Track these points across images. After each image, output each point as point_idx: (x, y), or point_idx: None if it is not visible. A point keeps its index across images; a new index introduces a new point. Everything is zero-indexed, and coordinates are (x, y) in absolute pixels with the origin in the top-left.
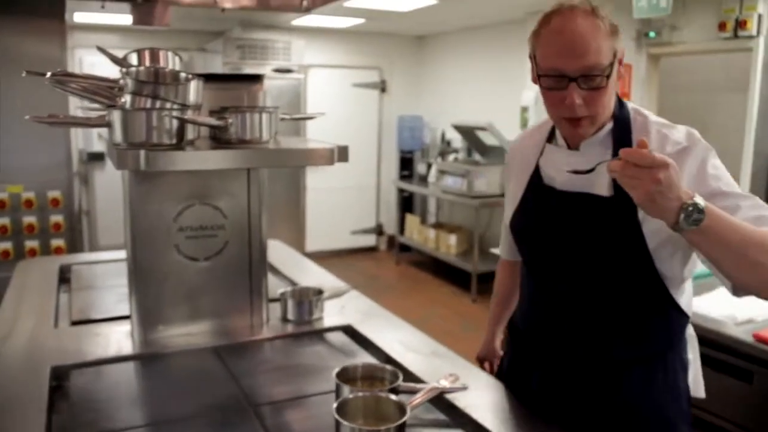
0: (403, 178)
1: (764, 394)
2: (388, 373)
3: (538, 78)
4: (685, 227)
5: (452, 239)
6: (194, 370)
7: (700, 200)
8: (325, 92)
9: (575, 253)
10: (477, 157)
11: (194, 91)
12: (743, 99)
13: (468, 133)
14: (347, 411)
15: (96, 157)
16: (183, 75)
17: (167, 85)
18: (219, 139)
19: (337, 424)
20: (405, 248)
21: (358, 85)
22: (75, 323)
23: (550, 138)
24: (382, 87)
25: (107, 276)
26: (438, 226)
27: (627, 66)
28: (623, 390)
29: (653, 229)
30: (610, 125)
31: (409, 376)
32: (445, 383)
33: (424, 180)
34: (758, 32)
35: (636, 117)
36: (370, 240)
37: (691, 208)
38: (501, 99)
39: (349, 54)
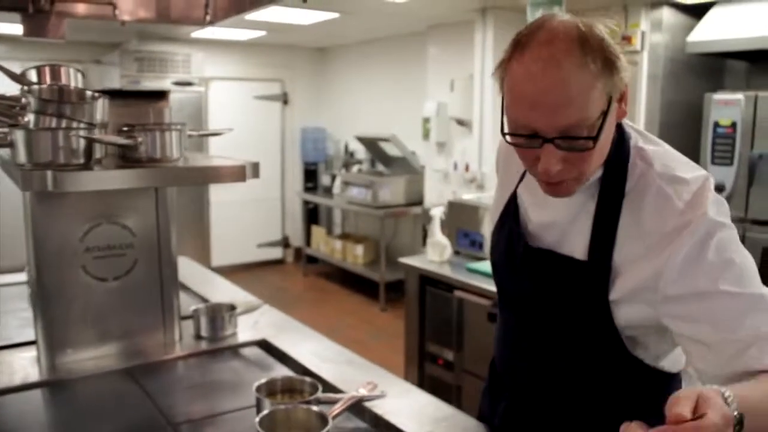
0: (307, 189)
1: None
2: (307, 384)
3: (501, 130)
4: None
5: (359, 249)
6: (108, 393)
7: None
8: (226, 105)
9: (538, 307)
10: (381, 167)
11: (101, 109)
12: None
13: (371, 144)
14: (269, 424)
15: None
16: (89, 93)
17: (73, 103)
18: (128, 158)
19: None
20: (312, 260)
21: (260, 98)
22: None
23: None
24: (284, 99)
25: (6, 300)
26: (344, 236)
27: None
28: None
29: (630, 317)
30: (600, 171)
31: (328, 387)
32: (363, 391)
33: (328, 191)
34: (642, 47)
35: (636, 161)
36: (276, 253)
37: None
38: (403, 110)
39: (250, 66)
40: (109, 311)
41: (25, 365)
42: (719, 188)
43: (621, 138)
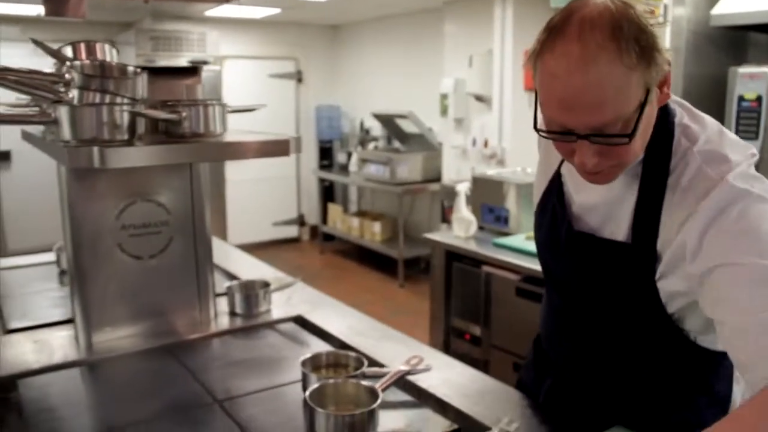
0: (323, 167)
1: None
2: (353, 359)
3: (535, 125)
4: None
5: (376, 227)
6: (149, 370)
7: None
8: (241, 83)
9: (583, 288)
10: (397, 145)
11: (142, 84)
12: None
13: (388, 121)
14: (319, 398)
15: (0, 157)
16: (131, 68)
17: (116, 78)
18: (171, 134)
19: (311, 411)
20: (328, 237)
21: (274, 76)
22: (10, 332)
23: None
24: (299, 77)
25: (33, 281)
26: (361, 214)
27: None
28: (632, 408)
29: (671, 291)
30: (642, 153)
31: (370, 361)
32: (407, 366)
33: (344, 169)
34: (665, 20)
35: (681, 139)
36: (292, 231)
37: None
38: (419, 87)
39: (264, 45)
40: (145, 289)
41: (64, 344)
42: None
43: (665, 115)
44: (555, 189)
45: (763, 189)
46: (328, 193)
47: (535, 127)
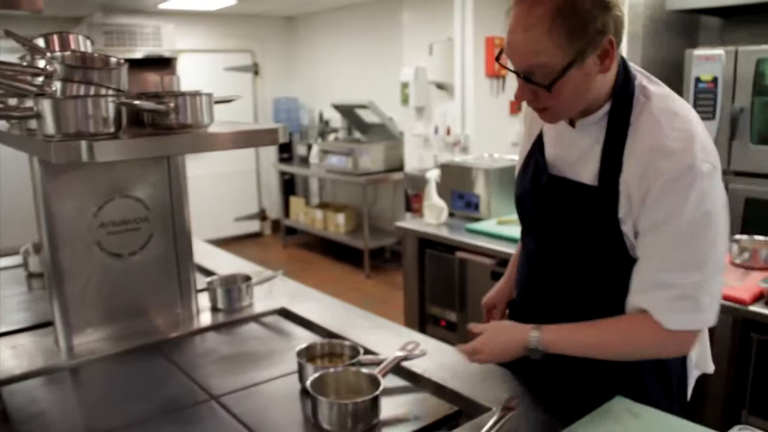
0: (282, 160)
1: None
2: (348, 348)
3: (497, 57)
4: (536, 357)
5: (340, 218)
6: (139, 370)
7: (535, 342)
8: (197, 77)
9: (558, 231)
10: (358, 135)
11: (125, 75)
12: None
13: (348, 112)
14: (319, 388)
15: None
16: (113, 59)
17: (99, 69)
18: (157, 125)
19: (314, 401)
20: (291, 231)
21: (230, 69)
22: None
23: None
24: (255, 70)
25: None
26: (323, 206)
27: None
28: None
29: (627, 229)
30: (608, 107)
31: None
32: (402, 352)
33: (304, 161)
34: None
35: (640, 97)
36: (254, 226)
37: (531, 351)
38: (379, 76)
39: (219, 37)
40: (126, 287)
41: (44, 348)
42: None
43: (627, 78)
44: (538, 147)
45: (714, 159)
46: (289, 186)
47: (497, 59)
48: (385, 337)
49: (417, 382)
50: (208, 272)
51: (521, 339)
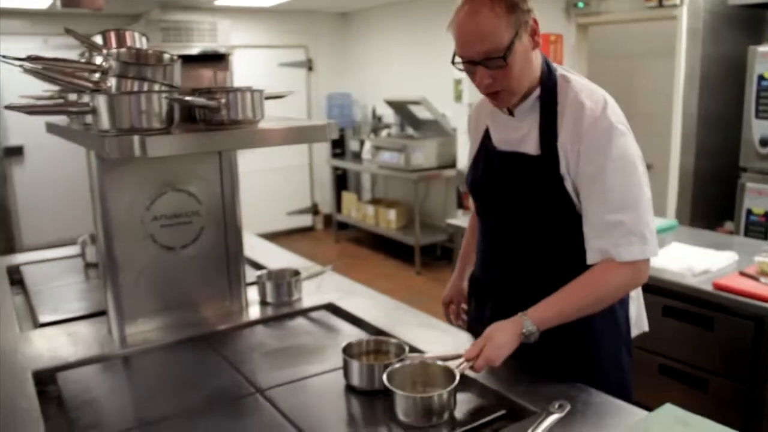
0: (335, 156)
1: (724, 339)
2: (393, 345)
3: (452, 60)
4: (533, 340)
5: (392, 214)
6: (187, 361)
7: (529, 325)
8: (252, 73)
9: (512, 203)
10: (410, 131)
11: (178, 71)
12: (665, 64)
13: (401, 108)
14: (393, 381)
15: (13, 152)
16: (167, 56)
17: (153, 66)
18: (209, 121)
19: (392, 394)
20: (342, 226)
21: (284, 65)
22: (42, 325)
23: None
24: (309, 65)
25: (58, 275)
26: (375, 202)
27: (558, 36)
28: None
29: (569, 186)
30: (538, 91)
31: (409, 348)
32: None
33: (357, 157)
34: (681, 1)
35: (561, 83)
36: (306, 220)
37: (527, 335)
38: (431, 73)
39: (274, 33)
40: (177, 280)
41: (98, 336)
42: (763, 142)
43: (549, 70)
44: (486, 139)
45: (623, 121)
46: (341, 181)
47: (452, 62)
48: (432, 335)
49: (463, 383)
50: (258, 266)
51: (515, 328)
